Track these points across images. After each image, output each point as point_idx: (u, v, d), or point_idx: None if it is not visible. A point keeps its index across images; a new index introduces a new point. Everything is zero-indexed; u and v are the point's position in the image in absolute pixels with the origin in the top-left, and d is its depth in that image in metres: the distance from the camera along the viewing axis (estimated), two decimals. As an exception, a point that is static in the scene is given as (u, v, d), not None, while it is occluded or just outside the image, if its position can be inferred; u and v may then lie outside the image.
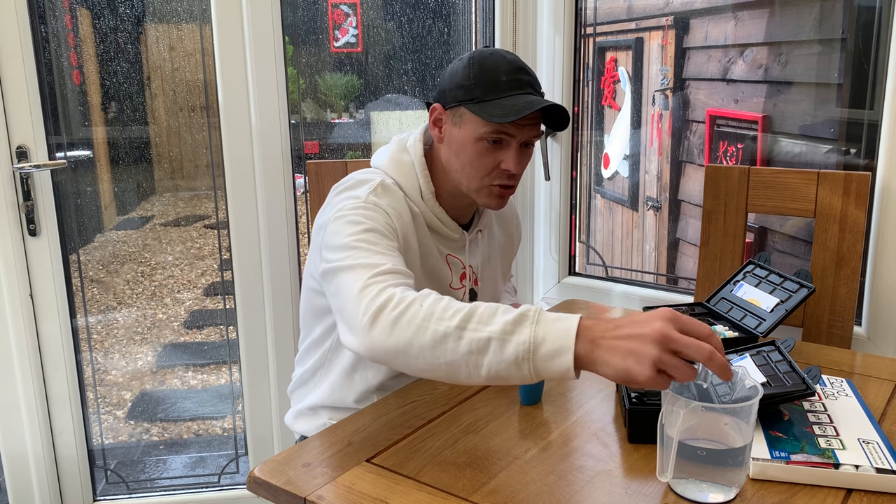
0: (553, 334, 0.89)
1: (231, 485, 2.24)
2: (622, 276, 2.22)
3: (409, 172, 1.29)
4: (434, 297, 0.99)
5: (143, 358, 2.91)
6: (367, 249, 1.10)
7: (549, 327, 0.90)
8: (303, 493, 0.98)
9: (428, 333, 0.95)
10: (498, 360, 0.92)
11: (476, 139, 1.23)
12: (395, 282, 1.04)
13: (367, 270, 1.05)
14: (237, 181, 1.96)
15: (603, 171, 2.41)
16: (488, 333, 0.92)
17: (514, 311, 0.94)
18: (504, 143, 1.24)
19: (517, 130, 1.23)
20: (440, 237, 1.32)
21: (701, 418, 0.93)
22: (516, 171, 1.24)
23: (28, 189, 1.87)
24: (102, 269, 2.94)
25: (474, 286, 1.38)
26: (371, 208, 1.18)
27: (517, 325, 0.92)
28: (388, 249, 1.12)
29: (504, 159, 1.24)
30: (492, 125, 1.21)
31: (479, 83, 1.22)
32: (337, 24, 2.36)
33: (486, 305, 0.96)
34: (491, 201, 1.28)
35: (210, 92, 2.07)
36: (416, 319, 0.96)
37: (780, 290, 1.46)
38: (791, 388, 1.11)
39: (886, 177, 1.59)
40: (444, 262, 1.33)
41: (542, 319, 0.92)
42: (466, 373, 0.94)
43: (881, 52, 1.65)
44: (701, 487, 0.94)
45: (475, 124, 1.23)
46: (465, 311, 0.95)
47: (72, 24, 2.10)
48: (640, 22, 2.23)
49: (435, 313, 0.96)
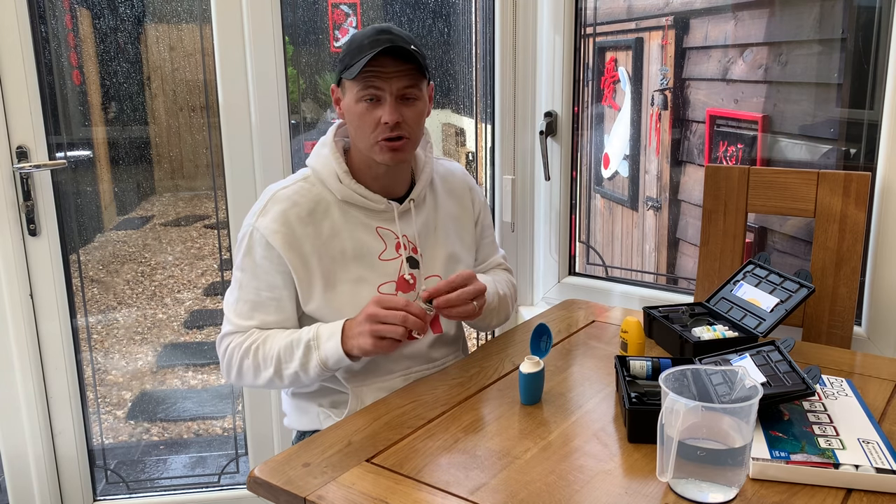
0: (330, 351, 1.30)
1: (231, 485, 2.24)
2: (622, 276, 2.22)
3: (327, 161, 1.41)
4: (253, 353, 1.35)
5: (143, 358, 2.91)
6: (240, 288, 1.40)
7: (326, 347, 1.30)
8: (303, 493, 0.98)
9: (261, 380, 1.37)
10: (309, 378, 1.34)
11: (356, 101, 1.34)
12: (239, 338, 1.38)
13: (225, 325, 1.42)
14: (237, 181, 1.96)
15: (603, 171, 2.41)
16: (293, 369, 1.33)
17: (301, 341, 1.32)
18: (380, 99, 1.33)
19: (384, 83, 1.32)
20: (367, 211, 1.41)
21: (701, 418, 0.94)
22: (392, 121, 1.32)
23: (28, 189, 1.87)
24: (102, 269, 2.94)
25: (413, 254, 1.44)
26: (249, 241, 1.38)
27: (307, 356, 1.31)
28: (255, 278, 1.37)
29: (381, 114, 1.33)
30: (359, 82, 1.32)
31: (348, 52, 1.35)
32: (337, 24, 2.36)
33: (286, 344, 1.33)
34: (384, 156, 1.36)
35: (210, 92, 2.07)
36: (248, 374, 1.37)
37: (780, 290, 1.46)
38: (791, 388, 1.11)
39: (886, 177, 1.59)
40: (375, 235, 1.42)
41: (320, 344, 1.31)
42: (301, 385, 1.41)
43: (881, 52, 1.65)
44: (701, 487, 0.94)
45: (351, 87, 1.35)
46: (274, 357, 1.33)
47: (72, 24, 2.10)
48: (639, 22, 2.23)
49: (259, 366, 1.35)
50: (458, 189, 1.57)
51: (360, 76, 1.31)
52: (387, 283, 1.41)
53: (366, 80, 1.31)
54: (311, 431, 1.45)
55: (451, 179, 1.56)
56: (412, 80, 1.34)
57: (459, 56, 2.31)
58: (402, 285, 1.42)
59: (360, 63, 1.29)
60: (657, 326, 1.51)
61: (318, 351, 1.31)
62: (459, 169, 1.60)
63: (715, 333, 1.40)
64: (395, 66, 1.31)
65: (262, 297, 1.38)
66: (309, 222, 1.37)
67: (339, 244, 1.39)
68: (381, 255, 1.41)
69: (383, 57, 1.30)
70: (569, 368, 1.39)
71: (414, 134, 1.37)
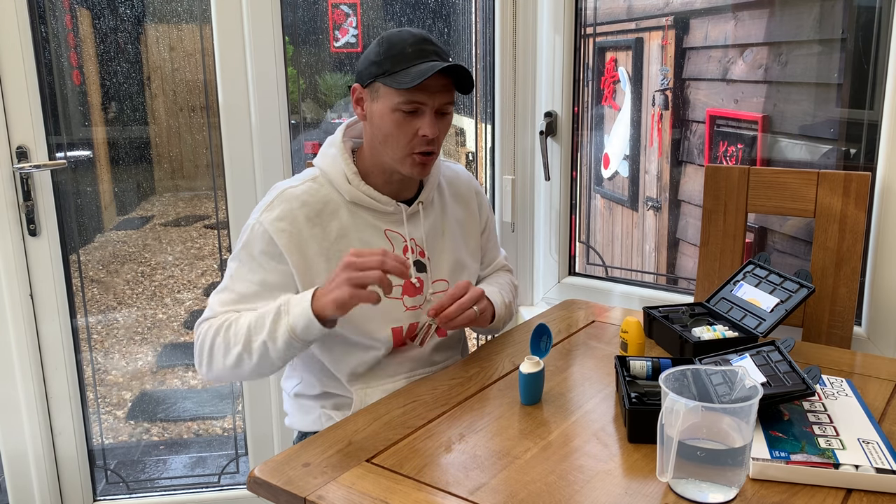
0: (299, 317, 1.23)
1: (231, 485, 2.24)
2: (622, 277, 2.22)
3: (335, 161, 1.39)
4: (224, 329, 1.30)
5: (143, 358, 2.91)
6: (231, 277, 1.37)
7: (295, 312, 1.24)
8: (303, 493, 0.98)
9: (230, 359, 1.29)
10: (278, 350, 1.26)
11: (392, 110, 1.32)
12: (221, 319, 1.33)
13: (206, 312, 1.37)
14: (237, 181, 1.96)
15: (603, 171, 2.41)
16: (262, 339, 1.26)
17: (273, 309, 1.26)
18: (419, 112, 1.32)
19: (428, 97, 1.31)
20: (375, 213, 1.41)
21: (701, 418, 0.94)
22: (432, 136, 1.32)
23: (28, 189, 1.87)
24: (102, 269, 2.94)
25: (420, 258, 1.44)
26: (250, 234, 1.35)
27: (276, 323, 1.25)
28: (250, 272, 1.35)
29: (420, 126, 1.32)
30: (404, 94, 1.30)
31: (388, 57, 1.31)
32: (337, 24, 2.36)
33: (257, 315, 1.28)
34: (413, 170, 1.35)
35: (210, 92, 2.07)
36: (219, 354, 1.31)
37: (780, 290, 1.46)
38: (791, 388, 1.11)
39: (886, 177, 1.59)
40: (384, 237, 1.41)
41: (290, 310, 1.25)
42: (269, 364, 1.30)
43: (881, 52, 1.65)
44: (701, 487, 0.94)
45: (389, 95, 1.32)
46: (244, 330, 1.28)
47: (72, 24, 2.10)
48: (640, 22, 2.23)
49: (229, 342, 1.29)
50: (465, 193, 1.56)
51: (411, 88, 1.28)
52: (395, 286, 1.40)
53: (412, 93, 1.29)
54: (312, 432, 1.45)
55: (457, 183, 1.56)
56: (451, 96, 1.34)
57: (459, 56, 2.32)
58: (408, 289, 1.42)
59: (411, 74, 1.27)
60: (657, 326, 1.51)
61: (287, 316, 1.25)
62: (464, 172, 1.60)
63: (715, 333, 1.40)
64: (439, 81, 1.30)
65: (250, 291, 1.34)
66: (317, 223, 1.36)
67: (346, 245, 1.38)
68: None
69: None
70: (569, 368, 1.39)
71: (440, 148, 1.38)
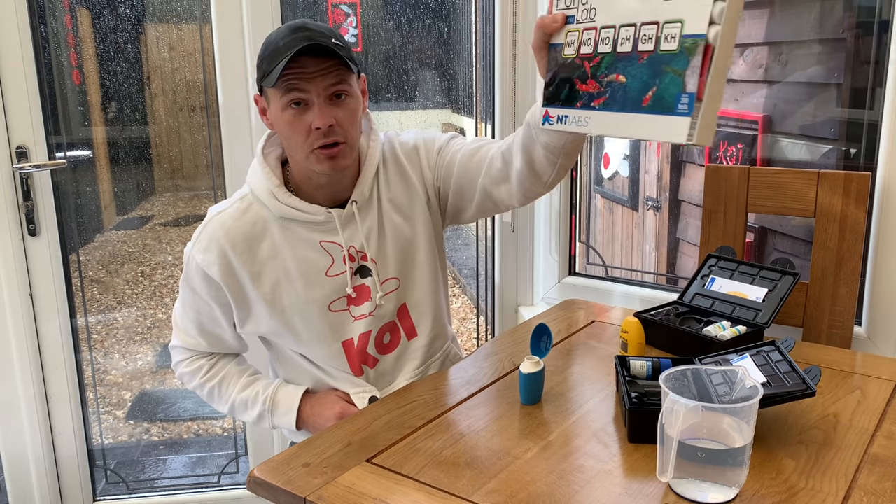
0: (284, 423, 1.42)
1: (231, 485, 2.24)
2: (622, 276, 2.22)
3: (259, 176, 1.32)
4: (208, 391, 1.46)
5: (142, 358, 2.91)
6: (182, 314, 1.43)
7: (280, 420, 1.43)
8: (303, 493, 0.98)
9: (218, 407, 1.48)
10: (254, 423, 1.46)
11: (282, 110, 1.24)
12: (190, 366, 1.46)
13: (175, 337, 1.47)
14: (237, 181, 1.96)
15: (603, 171, 2.41)
16: (248, 419, 1.46)
17: (257, 402, 1.42)
18: (308, 103, 1.23)
19: (308, 85, 1.21)
20: (307, 225, 1.32)
21: (701, 418, 0.94)
22: (324, 125, 1.22)
23: (28, 189, 1.87)
24: (102, 269, 2.94)
25: (364, 262, 1.36)
26: (188, 268, 1.36)
27: (261, 419, 1.44)
28: (194, 305, 1.39)
29: (312, 119, 1.23)
30: (281, 88, 1.21)
31: (264, 57, 1.24)
32: (337, 24, 2.36)
33: (240, 400, 1.43)
34: (322, 166, 1.26)
35: (210, 92, 2.07)
36: (205, 398, 1.48)
37: (761, 280, 1.46)
38: (791, 388, 1.11)
39: (886, 177, 1.59)
40: (320, 250, 1.33)
41: (274, 415, 1.43)
42: None
43: (881, 52, 1.65)
44: (701, 487, 0.94)
45: (274, 96, 1.24)
46: (229, 404, 1.45)
47: (72, 24, 2.10)
48: (640, 22, 2.23)
49: (215, 401, 1.47)
50: (406, 163, 1.41)
51: (280, 81, 1.20)
52: (337, 299, 1.35)
53: (288, 85, 1.20)
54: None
55: (396, 155, 1.41)
56: (339, 76, 1.23)
57: (459, 56, 2.32)
58: (351, 301, 1.37)
59: (278, 68, 1.18)
60: (658, 328, 1.50)
61: (271, 417, 1.42)
62: (411, 137, 1.44)
63: (733, 331, 1.39)
64: (317, 65, 1.20)
65: (204, 323, 1.40)
66: (245, 248, 1.31)
67: (280, 265, 1.32)
68: (327, 270, 1.34)
69: (303, 57, 1.19)
70: (569, 368, 1.39)
71: (350, 136, 1.27)
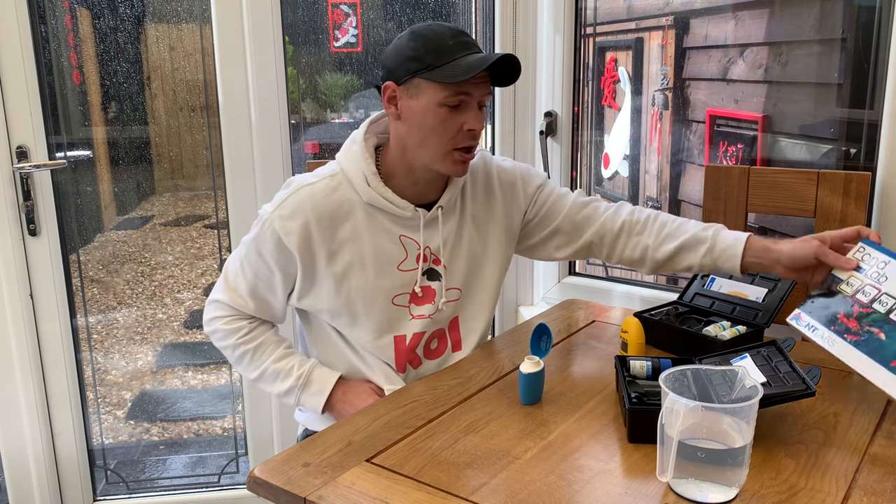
0: (311, 404, 1.41)
1: (231, 485, 2.24)
2: (622, 276, 2.21)
3: (356, 160, 1.33)
4: (239, 355, 1.43)
5: (143, 358, 2.91)
6: (239, 270, 1.39)
7: (309, 400, 1.41)
8: (303, 492, 0.98)
9: (240, 369, 1.47)
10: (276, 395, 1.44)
11: (437, 105, 1.26)
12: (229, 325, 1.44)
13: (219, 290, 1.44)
14: (237, 181, 1.96)
15: (603, 171, 2.41)
16: (274, 391, 1.43)
17: (291, 375, 1.40)
18: (463, 105, 1.27)
19: (473, 89, 1.26)
20: (392, 217, 1.35)
21: (701, 418, 0.94)
22: (479, 129, 1.28)
23: (28, 189, 1.87)
24: (102, 269, 2.94)
25: (435, 266, 1.39)
26: (261, 230, 1.33)
27: (289, 393, 1.41)
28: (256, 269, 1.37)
29: (465, 120, 1.27)
30: (451, 87, 1.24)
31: (428, 51, 1.25)
32: (337, 24, 2.36)
33: (273, 370, 1.42)
34: (455, 168, 1.30)
35: (210, 92, 2.07)
36: (232, 359, 1.46)
37: (761, 280, 1.47)
38: (791, 388, 1.11)
39: (886, 177, 1.59)
40: (398, 243, 1.36)
41: (306, 393, 1.41)
42: None
43: (881, 52, 1.65)
44: (701, 487, 0.94)
45: (433, 90, 1.25)
46: (260, 371, 1.42)
47: (72, 24, 2.10)
48: (640, 22, 2.23)
49: (244, 364, 1.44)
50: (502, 183, 1.45)
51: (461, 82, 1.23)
52: (401, 294, 1.37)
53: (459, 85, 1.24)
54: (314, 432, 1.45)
55: (499, 175, 1.46)
56: (489, 87, 1.29)
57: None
58: (414, 298, 1.39)
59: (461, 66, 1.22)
60: (658, 328, 1.50)
61: (300, 394, 1.40)
62: (509, 164, 1.49)
63: (733, 331, 1.39)
64: (481, 73, 1.25)
65: (258, 286, 1.38)
66: (328, 226, 1.31)
67: (357, 249, 1.33)
68: (400, 264, 1.36)
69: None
70: (569, 368, 1.39)
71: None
